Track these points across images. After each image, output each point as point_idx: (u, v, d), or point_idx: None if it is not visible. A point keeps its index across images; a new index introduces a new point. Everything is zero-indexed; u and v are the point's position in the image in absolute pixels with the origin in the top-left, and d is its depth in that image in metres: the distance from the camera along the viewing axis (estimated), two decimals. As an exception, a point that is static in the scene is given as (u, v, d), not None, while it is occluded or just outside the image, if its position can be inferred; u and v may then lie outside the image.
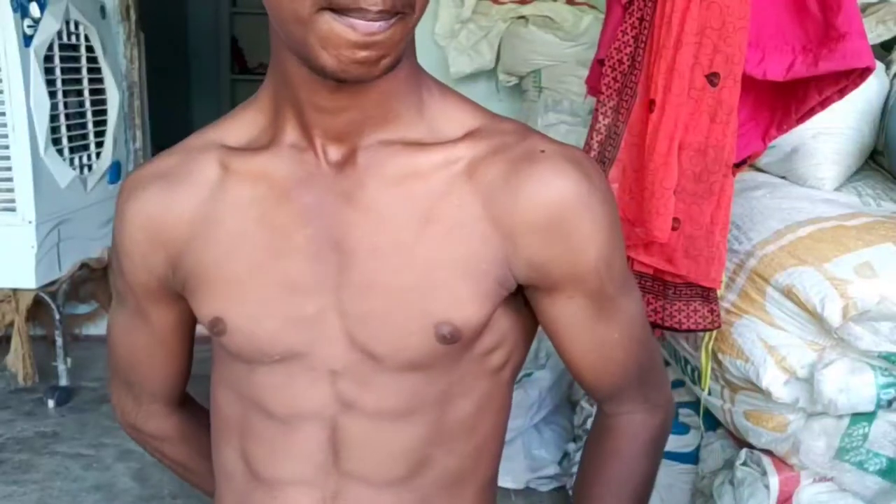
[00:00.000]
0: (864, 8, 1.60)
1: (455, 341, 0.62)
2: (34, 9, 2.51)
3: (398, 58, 0.57)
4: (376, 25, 0.53)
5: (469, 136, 0.63)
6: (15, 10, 2.42)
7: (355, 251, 0.62)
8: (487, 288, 0.62)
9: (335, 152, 0.63)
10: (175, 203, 0.65)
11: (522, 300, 0.66)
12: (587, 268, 0.63)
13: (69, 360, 2.74)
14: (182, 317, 0.72)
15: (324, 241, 0.62)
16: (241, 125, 0.67)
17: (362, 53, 0.53)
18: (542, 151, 0.62)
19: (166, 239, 0.66)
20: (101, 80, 2.95)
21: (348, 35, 0.53)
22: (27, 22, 2.48)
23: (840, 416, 1.36)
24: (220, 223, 0.64)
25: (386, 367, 0.63)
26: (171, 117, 4.68)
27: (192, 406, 0.83)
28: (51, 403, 2.68)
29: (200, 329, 0.73)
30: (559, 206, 0.61)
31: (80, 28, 2.80)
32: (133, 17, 3.17)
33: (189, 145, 0.68)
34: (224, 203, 0.64)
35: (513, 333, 0.67)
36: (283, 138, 0.64)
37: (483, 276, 0.61)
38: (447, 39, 3.09)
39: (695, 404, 1.70)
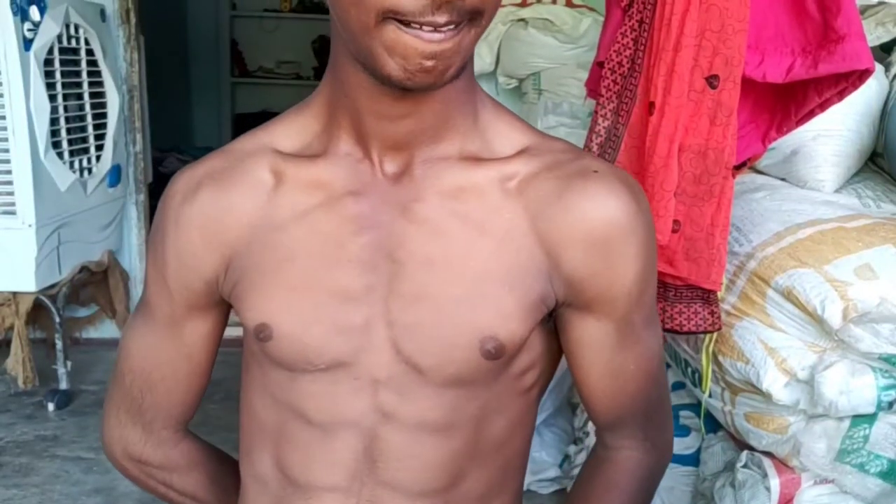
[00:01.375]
0: (864, 10, 1.61)
1: (498, 357, 0.62)
2: (34, 12, 2.51)
3: (463, 66, 0.58)
4: (443, 35, 0.54)
5: (522, 153, 0.64)
6: (15, 14, 2.42)
7: (408, 262, 0.63)
8: (531, 303, 0.63)
9: (391, 164, 0.63)
10: (233, 205, 0.65)
11: (553, 326, 0.67)
12: (622, 291, 0.64)
13: (69, 363, 2.73)
14: (214, 329, 0.72)
15: (377, 250, 0.63)
16: (293, 130, 0.67)
17: (429, 63, 0.54)
18: (596, 172, 0.63)
19: (224, 241, 0.66)
20: (101, 84, 2.95)
21: (415, 45, 0.54)
22: (27, 25, 2.48)
23: (841, 418, 1.36)
24: (276, 229, 0.64)
25: (429, 381, 0.63)
26: (171, 121, 4.68)
27: (190, 433, 0.80)
28: (51, 407, 2.67)
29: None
30: (607, 225, 0.62)
31: (80, 31, 2.80)
32: (133, 20, 3.17)
33: (239, 148, 0.68)
34: (281, 209, 0.65)
35: (545, 356, 0.68)
36: (339, 146, 0.64)
37: (528, 291, 0.62)
38: (447, 42, 3.10)
39: (695, 406, 1.70)
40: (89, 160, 2.88)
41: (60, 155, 2.66)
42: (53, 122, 2.60)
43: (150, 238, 0.71)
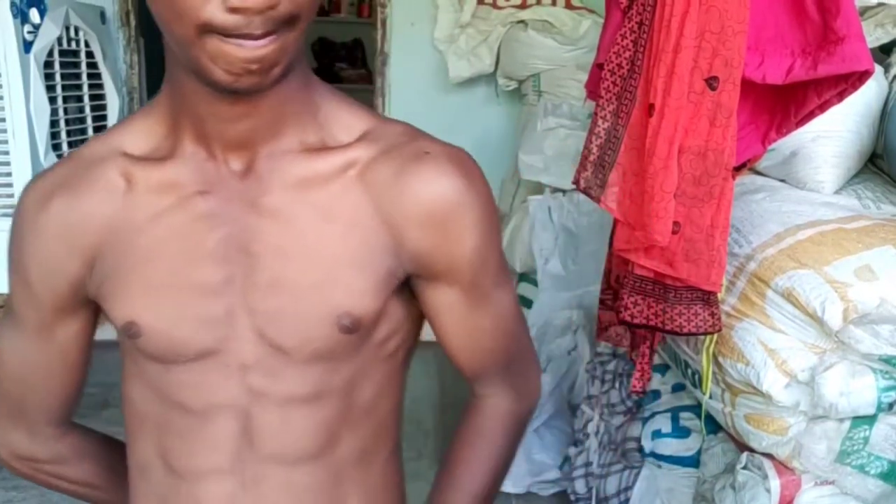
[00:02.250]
0: (863, 11, 1.61)
1: (355, 331, 0.68)
2: (34, 14, 2.51)
3: (288, 66, 0.61)
4: (263, 42, 0.57)
5: (361, 139, 0.68)
6: (15, 16, 2.42)
7: (262, 253, 0.66)
8: (381, 279, 0.68)
9: (236, 161, 0.66)
10: (88, 211, 0.68)
11: (410, 291, 0.72)
12: (464, 260, 0.69)
13: (69, 365, 2.73)
14: (85, 327, 0.74)
15: (232, 245, 0.67)
16: (138, 134, 0.69)
17: (253, 66, 0.58)
18: (427, 153, 0.68)
19: (83, 245, 0.68)
20: (101, 86, 2.95)
21: (237, 52, 0.57)
22: (27, 28, 2.48)
23: (841, 420, 1.36)
24: (133, 231, 0.67)
25: (293, 359, 0.68)
26: (170, 122, 4.69)
27: (76, 425, 0.82)
28: (51, 409, 2.67)
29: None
30: (440, 203, 0.67)
31: (80, 34, 2.80)
32: (133, 22, 3.18)
33: (87, 154, 0.70)
34: (136, 211, 0.67)
35: (406, 322, 0.73)
36: (184, 148, 0.67)
37: (377, 269, 0.67)
38: (446, 44, 3.10)
39: (696, 408, 1.69)
40: (89, 162, 2.88)
41: (60, 157, 2.66)
42: (53, 124, 2.60)
43: (9, 252, 0.71)
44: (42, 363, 0.74)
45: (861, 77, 1.23)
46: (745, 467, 1.46)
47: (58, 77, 2.64)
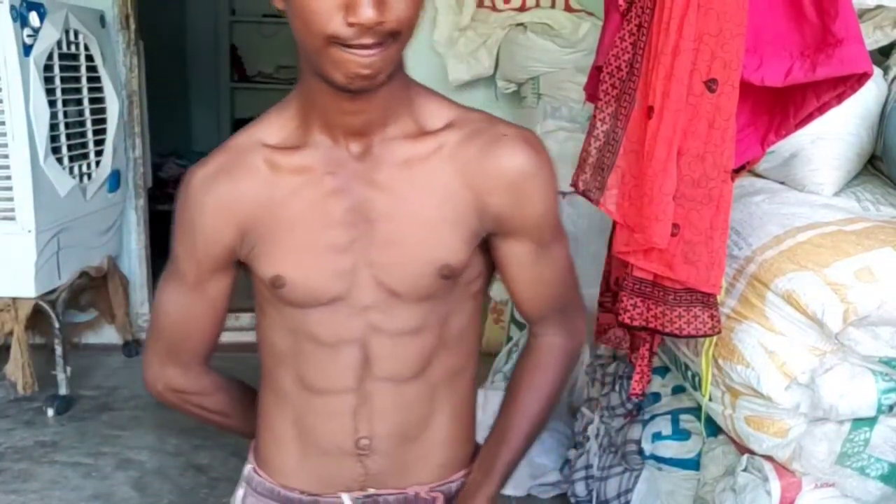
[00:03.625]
0: (862, 13, 1.61)
1: (451, 277, 0.86)
2: (34, 18, 2.51)
3: (392, 72, 0.77)
4: (372, 51, 0.74)
5: (448, 125, 0.85)
6: (14, 20, 2.42)
7: (378, 219, 0.84)
8: (469, 236, 0.86)
9: (355, 147, 0.84)
10: (241, 191, 0.85)
11: (485, 246, 0.89)
12: (533, 220, 0.87)
13: (69, 368, 2.73)
14: (230, 284, 0.92)
15: (354, 213, 0.84)
16: (275, 127, 0.87)
17: (364, 72, 0.75)
18: (505, 135, 0.85)
19: (238, 219, 0.86)
20: (100, 89, 2.95)
21: (353, 59, 0.74)
22: (27, 31, 2.48)
23: (841, 422, 1.36)
24: (277, 205, 0.85)
25: (403, 301, 0.86)
26: (170, 126, 4.68)
27: (212, 368, 1.02)
28: (50, 412, 2.67)
29: None
30: (516, 175, 0.84)
31: (80, 37, 2.80)
32: (132, 25, 3.18)
33: (234, 145, 0.88)
34: (278, 190, 0.85)
35: (484, 269, 0.92)
36: (314, 137, 0.84)
37: (466, 228, 0.85)
38: (446, 47, 3.10)
39: (696, 410, 1.69)
40: (89, 165, 2.88)
41: (60, 160, 2.66)
42: (53, 127, 2.60)
43: (177, 222, 0.89)
44: (196, 312, 0.93)
45: (860, 79, 1.23)
46: (745, 469, 1.46)
47: (57, 80, 2.64)
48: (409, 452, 0.91)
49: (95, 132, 2.92)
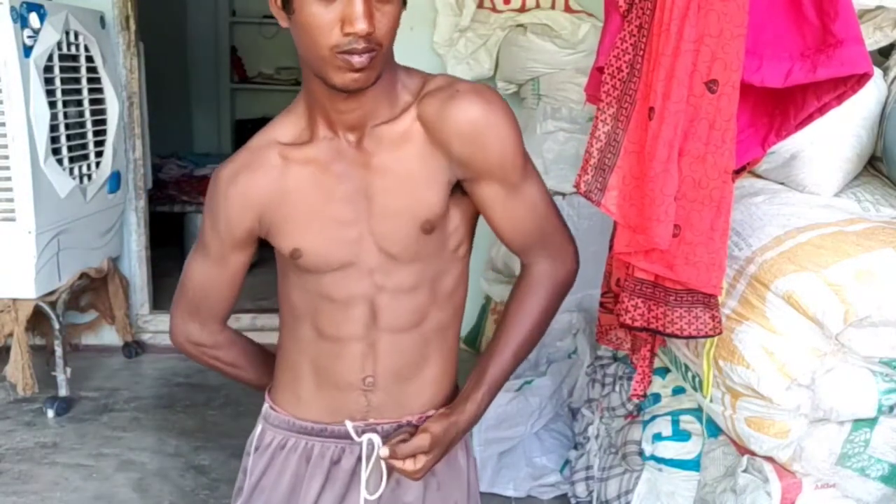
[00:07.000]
0: (862, 14, 1.61)
1: (433, 230, 1.01)
2: (34, 19, 2.52)
3: (380, 73, 0.93)
4: (363, 58, 0.90)
5: (416, 95, 1.00)
6: (15, 21, 2.42)
7: (375, 196, 1.00)
8: (442, 188, 1.00)
9: (352, 137, 1.00)
10: (258, 183, 1.02)
11: (461, 194, 1.03)
12: (494, 163, 0.99)
13: (69, 370, 2.73)
14: (248, 258, 1.09)
15: (355, 192, 1.00)
16: (287, 127, 1.03)
17: (357, 75, 0.91)
18: (458, 91, 0.98)
19: (255, 205, 1.03)
20: (100, 90, 2.95)
21: (350, 64, 0.90)
22: (27, 32, 2.49)
23: (841, 423, 1.36)
24: (290, 191, 1.01)
25: (400, 262, 1.02)
26: (170, 127, 4.68)
27: (228, 326, 1.20)
28: (50, 414, 2.67)
29: None
30: (470, 124, 0.97)
31: (80, 38, 2.80)
32: (133, 27, 3.18)
33: (255, 145, 1.04)
34: (290, 178, 1.01)
35: (463, 221, 1.06)
36: (319, 133, 1.01)
37: (440, 182, 1.00)
38: (446, 48, 3.10)
39: (696, 411, 1.69)
40: (89, 167, 2.88)
41: (60, 161, 2.67)
42: (53, 128, 2.60)
43: (206, 208, 1.07)
44: (217, 280, 1.10)
45: (860, 80, 1.23)
46: (745, 470, 1.46)
47: (57, 81, 2.64)
48: (404, 390, 1.07)
49: (95, 133, 2.92)
